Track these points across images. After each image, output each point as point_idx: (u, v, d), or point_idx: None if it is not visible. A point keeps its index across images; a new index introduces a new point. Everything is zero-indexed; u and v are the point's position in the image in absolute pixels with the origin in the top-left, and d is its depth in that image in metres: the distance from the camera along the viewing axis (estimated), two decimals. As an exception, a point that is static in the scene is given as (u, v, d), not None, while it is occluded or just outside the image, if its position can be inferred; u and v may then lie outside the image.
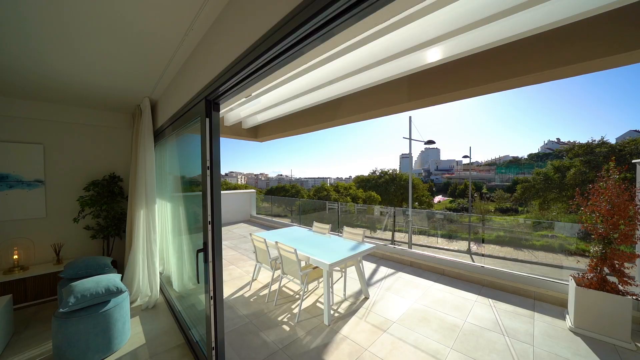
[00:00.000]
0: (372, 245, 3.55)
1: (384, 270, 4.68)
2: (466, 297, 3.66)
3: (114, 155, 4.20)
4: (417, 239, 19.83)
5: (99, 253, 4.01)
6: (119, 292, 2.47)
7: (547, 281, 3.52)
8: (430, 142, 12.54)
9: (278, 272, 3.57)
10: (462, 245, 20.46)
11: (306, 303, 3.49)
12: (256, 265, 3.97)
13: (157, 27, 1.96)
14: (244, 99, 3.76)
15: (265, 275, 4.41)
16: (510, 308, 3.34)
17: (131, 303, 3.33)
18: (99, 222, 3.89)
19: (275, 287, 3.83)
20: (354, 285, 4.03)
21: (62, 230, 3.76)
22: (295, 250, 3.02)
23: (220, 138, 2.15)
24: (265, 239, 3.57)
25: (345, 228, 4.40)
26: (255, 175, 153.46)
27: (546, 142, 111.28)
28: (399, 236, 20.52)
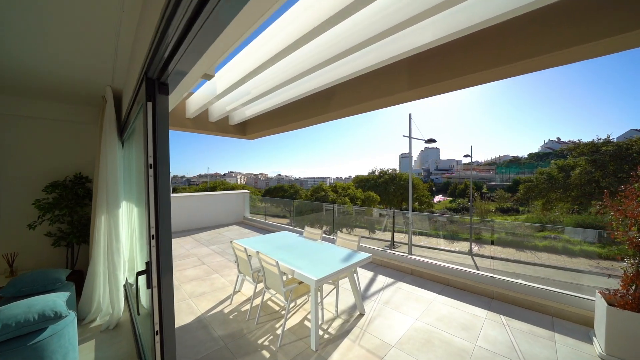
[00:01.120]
0: (368, 256, 3.12)
1: (381, 280, 4.24)
2: (475, 312, 3.23)
3: (80, 154, 3.77)
4: (417, 239, 19.40)
5: (62, 263, 3.58)
6: (57, 317, 2.03)
7: (568, 296, 3.09)
8: (431, 140, 12.11)
9: (261, 285, 3.15)
10: (464, 246, 20.04)
11: (293, 321, 3.06)
12: (238, 275, 3.54)
13: (93, 5, 1.56)
14: (210, 85, 3.33)
15: (250, 287, 3.98)
16: (526, 327, 2.91)
17: (90, 322, 2.90)
18: (60, 228, 3.46)
19: (258, 301, 3.39)
20: (347, 298, 3.60)
21: (17, 237, 3.33)
22: (277, 262, 2.59)
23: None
24: (245, 248, 3.14)
25: (339, 234, 3.97)
26: (254, 175, 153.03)
27: (546, 141, 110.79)
28: (398, 237, 20.10)
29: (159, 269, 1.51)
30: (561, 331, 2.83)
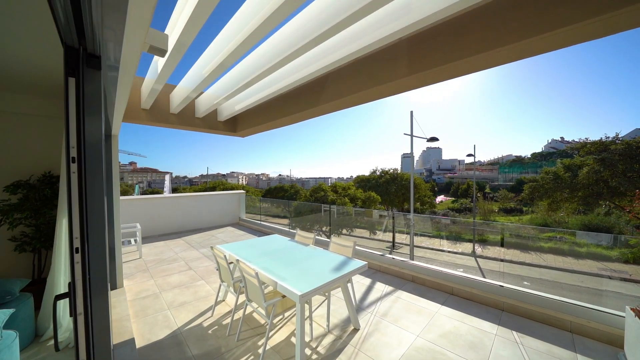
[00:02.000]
0: (362, 264, 2.78)
1: (380, 288, 3.90)
2: (483, 327, 2.87)
3: (49, 151, 3.45)
4: (419, 240, 19.00)
5: (28, 270, 3.27)
6: (-11, 341, 1.71)
7: (590, 310, 2.73)
8: (433, 139, 11.72)
9: (244, 296, 2.82)
10: (467, 247, 19.61)
11: (278, 337, 2.72)
12: (221, 285, 3.22)
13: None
14: (193, 75, 3.00)
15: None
16: (543, 346, 2.55)
17: (49, 339, 2.58)
18: (25, 232, 3.15)
19: (239, 315, 3.05)
20: (341, 309, 3.26)
21: (-25, 243, 3.02)
22: (256, 273, 2.25)
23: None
24: (225, 255, 2.81)
25: (333, 239, 3.64)
26: (256, 175, 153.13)
27: (550, 141, 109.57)
28: (400, 237, 19.71)
29: (87, 291, 1.18)
30: (584, 352, 2.47)
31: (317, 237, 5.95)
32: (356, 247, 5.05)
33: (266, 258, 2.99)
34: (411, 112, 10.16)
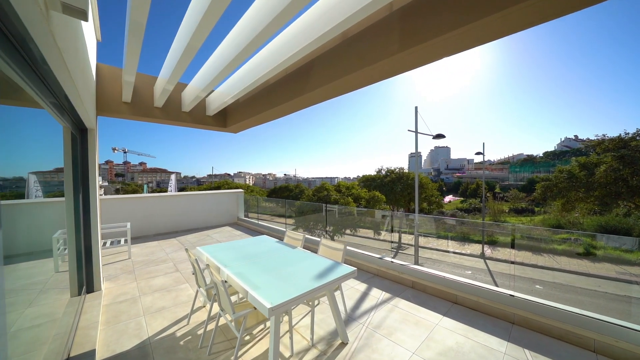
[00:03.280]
0: (351, 270, 2.46)
1: (375, 295, 3.56)
2: (490, 344, 2.51)
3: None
4: (425, 241, 18.45)
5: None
6: None
7: (620, 327, 2.33)
8: (440, 135, 11.22)
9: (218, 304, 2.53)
10: (475, 248, 18.97)
11: (255, 351, 2.42)
12: (198, 290, 2.94)
13: None
14: (172, 62, 2.72)
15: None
16: (562, 370, 2.18)
17: None
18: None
19: (212, 325, 2.76)
20: (329, 319, 2.93)
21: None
22: (223, 281, 1.96)
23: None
24: (196, 259, 2.53)
25: (323, 241, 3.32)
26: (263, 175, 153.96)
27: (563, 139, 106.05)
28: (406, 238, 19.20)
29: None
30: (612, 378, 2.08)
31: (313, 237, 5.65)
32: (354, 250, 4.74)
33: (245, 262, 2.70)
34: (415, 108, 9.67)
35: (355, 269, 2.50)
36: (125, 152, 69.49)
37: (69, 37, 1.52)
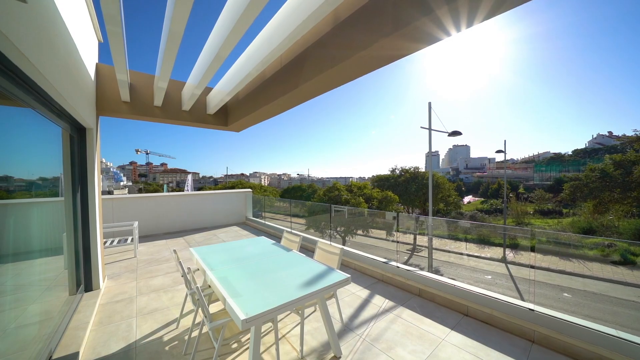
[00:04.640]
0: (345, 277, 2.23)
1: (377, 303, 3.30)
2: (504, 366, 2.19)
3: None
4: (442, 243, 17.71)
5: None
6: None
7: (664, 355, 1.94)
8: (456, 132, 10.63)
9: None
10: (496, 252, 17.98)
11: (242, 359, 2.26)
12: (187, 293, 2.83)
13: None
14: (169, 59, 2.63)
15: (211, 307, 3.25)
16: (592, 403, 1.83)
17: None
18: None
19: (197, 332, 2.63)
20: (322, 328, 2.71)
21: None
22: (197, 287, 1.81)
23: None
24: (180, 261, 2.41)
25: (319, 243, 3.12)
26: (278, 175, 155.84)
27: (595, 136, 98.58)
28: (421, 240, 18.54)
29: None
30: (656, 418, 1.72)
31: (312, 237, 5.45)
32: (357, 252, 4.49)
33: (233, 265, 2.55)
34: (429, 104, 9.17)
35: (349, 276, 2.28)
36: (147, 154, 72.72)
37: (41, 35, 1.42)
